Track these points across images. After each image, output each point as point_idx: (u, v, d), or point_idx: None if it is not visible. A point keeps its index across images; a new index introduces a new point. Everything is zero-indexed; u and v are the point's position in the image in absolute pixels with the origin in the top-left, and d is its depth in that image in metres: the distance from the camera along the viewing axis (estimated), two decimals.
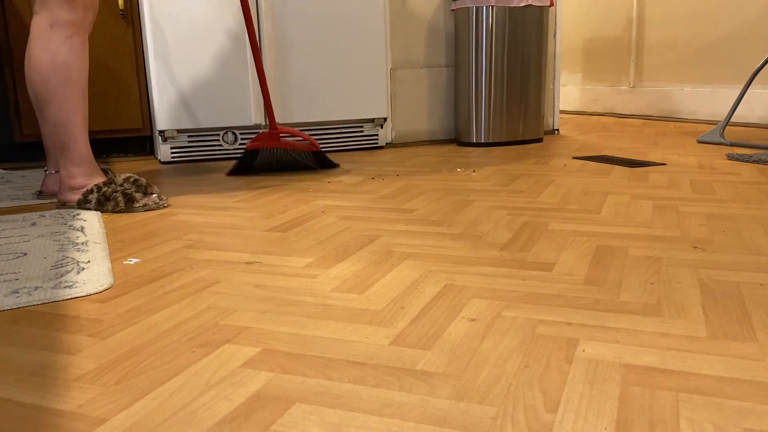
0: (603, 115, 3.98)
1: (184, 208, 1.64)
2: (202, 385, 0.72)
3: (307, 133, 2.54)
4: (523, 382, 0.71)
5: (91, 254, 1.23)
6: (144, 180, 1.68)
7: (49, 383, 0.74)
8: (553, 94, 3.06)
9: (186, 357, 0.80)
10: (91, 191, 1.61)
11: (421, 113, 2.84)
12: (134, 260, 1.21)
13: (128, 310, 0.96)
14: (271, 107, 2.11)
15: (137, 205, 1.61)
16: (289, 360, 0.78)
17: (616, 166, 2.08)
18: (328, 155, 2.51)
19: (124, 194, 1.60)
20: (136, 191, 1.62)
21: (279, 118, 2.47)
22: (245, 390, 0.71)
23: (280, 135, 2.11)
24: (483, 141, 2.71)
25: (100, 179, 1.65)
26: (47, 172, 1.82)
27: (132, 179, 1.65)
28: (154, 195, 1.66)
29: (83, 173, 1.63)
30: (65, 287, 1.05)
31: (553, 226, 1.37)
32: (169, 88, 2.33)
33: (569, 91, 4.23)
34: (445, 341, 0.82)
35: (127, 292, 1.04)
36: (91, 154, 1.66)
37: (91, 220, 1.50)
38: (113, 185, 1.62)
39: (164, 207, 1.65)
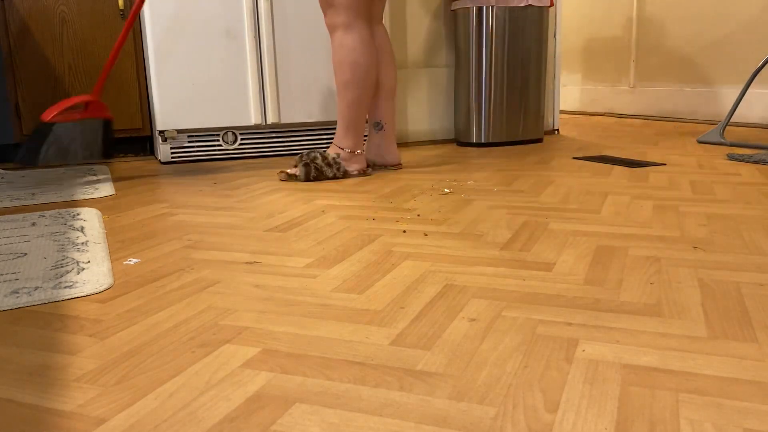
0: (603, 115, 3.98)
1: (184, 208, 1.64)
2: (202, 385, 0.72)
3: (306, 132, 2.54)
4: (523, 382, 0.71)
5: (91, 254, 1.23)
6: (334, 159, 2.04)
7: (49, 383, 0.74)
8: (553, 94, 3.06)
9: (186, 357, 0.80)
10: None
11: (421, 113, 2.84)
12: (134, 260, 1.21)
13: (128, 310, 0.96)
14: None
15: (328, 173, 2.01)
16: (289, 360, 0.78)
17: (616, 167, 2.08)
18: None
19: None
20: (327, 166, 2.01)
21: (279, 118, 2.47)
22: (245, 390, 0.71)
23: None
24: (483, 141, 2.71)
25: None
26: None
27: (325, 159, 2.01)
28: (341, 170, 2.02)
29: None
30: (65, 287, 1.05)
31: (553, 226, 1.37)
32: (169, 88, 2.33)
33: (569, 91, 4.23)
34: (445, 341, 0.82)
35: (127, 292, 1.04)
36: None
37: (91, 220, 1.50)
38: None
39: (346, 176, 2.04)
